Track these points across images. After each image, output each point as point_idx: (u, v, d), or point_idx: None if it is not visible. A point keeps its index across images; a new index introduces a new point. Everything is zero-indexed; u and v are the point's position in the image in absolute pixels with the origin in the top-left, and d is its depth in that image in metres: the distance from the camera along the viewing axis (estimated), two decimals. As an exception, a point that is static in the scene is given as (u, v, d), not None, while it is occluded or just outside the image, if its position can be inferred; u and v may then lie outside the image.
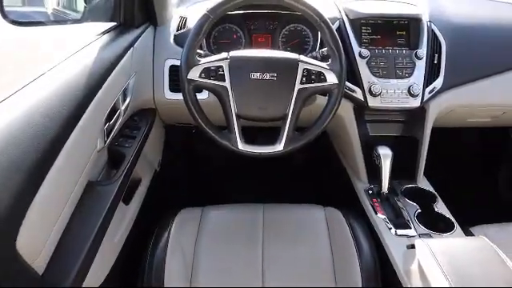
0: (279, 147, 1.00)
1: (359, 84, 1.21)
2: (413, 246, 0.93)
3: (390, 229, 1.10)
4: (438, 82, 1.24)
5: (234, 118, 0.99)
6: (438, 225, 1.12)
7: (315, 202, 1.19)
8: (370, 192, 1.26)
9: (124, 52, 1.09)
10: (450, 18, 1.33)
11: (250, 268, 0.99)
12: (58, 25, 1.12)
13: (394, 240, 1.07)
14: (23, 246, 0.64)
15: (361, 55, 1.22)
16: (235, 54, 1.00)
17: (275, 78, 0.98)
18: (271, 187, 1.82)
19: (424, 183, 1.31)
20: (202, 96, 1.21)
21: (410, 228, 1.10)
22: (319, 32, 1.04)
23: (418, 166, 1.30)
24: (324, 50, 1.13)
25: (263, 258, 1.01)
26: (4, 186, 0.61)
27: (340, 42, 1.01)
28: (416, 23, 1.26)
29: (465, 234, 1.10)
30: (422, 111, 1.26)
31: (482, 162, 1.97)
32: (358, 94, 1.22)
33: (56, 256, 0.77)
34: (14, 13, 0.91)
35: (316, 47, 1.29)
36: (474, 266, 0.79)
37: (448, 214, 1.16)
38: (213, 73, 0.98)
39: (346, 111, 1.26)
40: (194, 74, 0.98)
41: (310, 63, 1.00)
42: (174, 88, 1.24)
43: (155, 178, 1.44)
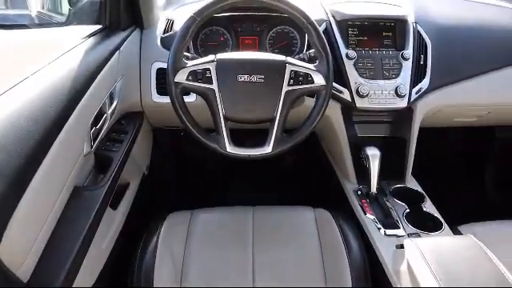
0: (268, 149, 1.00)
1: (347, 85, 1.22)
2: (402, 246, 0.94)
3: (379, 229, 1.11)
4: (425, 83, 1.25)
5: (222, 120, 0.99)
6: (427, 224, 1.13)
7: (305, 204, 1.19)
8: (359, 193, 1.27)
9: (110, 55, 1.08)
10: (434, 19, 1.35)
11: (241, 270, 0.99)
12: (43, 28, 1.11)
13: (383, 240, 1.08)
14: (7, 253, 0.63)
15: (348, 56, 1.22)
16: (222, 56, 1.00)
17: (263, 80, 0.98)
18: (261, 189, 1.81)
19: (412, 183, 1.32)
20: (190, 99, 1.20)
21: (399, 228, 1.11)
22: (306, 34, 1.04)
23: (406, 165, 1.31)
24: (311, 51, 1.14)
25: (253, 260, 1.01)
26: None
27: (327, 44, 1.01)
28: (402, 24, 1.27)
29: (453, 233, 1.11)
30: (409, 111, 1.27)
31: (468, 161, 1.99)
32: (345, 95, 1.22)
33: (41, 263, 0.75)
34: (-4, 16, 0.90)
35: (303, 49, 1.30)
36: (461, 265, 0.80)
37: (436, 214, 1.17)
38: (200, 75, 0.98)
39: (334, 112, 1.27)
40: (181, 76, 0.98)
41: (297, 65, 1.00)
42: (161, 91, 1.23)
43: (143, 181, 1.43)
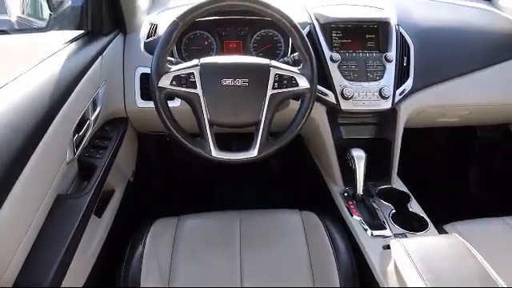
0: (253, 153, 1.00)
1: (331, 87, 1.22)
2: (388, 247, 0.94)
3: (366, 230, 1.11)
4: (408, 84, 1.27)
5: (207, 125, 0.98)
6: (413, 224, 1.14)
7: (292, 207, 1.19)
8: (346, 194, 1.27)
9: (92, 60, 1.07)
10: (416, 22, 1.37)
11: (228, 275, 0.99)
12: (23, 33, 1.09)
13: (370, 241, 1.08)
14: None
15: (332, 59, 1.23)
16: (206, 60, 0.99)
17: (247, 84, 0.97)
18: (248, 193, 1.81)
19: (398, 183, 1.33)
20: (175, 104, 1.20)
21: (386, 228, 1.11)
22: (290, 37, 1.04)
23: (391, 166, 1.32)
24: (295, 54, 1.14)
25: (241, 264, 1.01)
26: None
27: (310, 47, 1.02)
28: (385, 27, 1.29)
29: (438, 232, 1.12)
30: (393, 113, 1.29)
31: (452, 160, 2.02)
32: (330, 97, 1.23)
33: (24, 273, 0.74)
34: (-26, 21, 0.88)
35: (288, 52, 1.30)
36: (447, 264, 0.81)
37: (422, 213, 1.18)
38: (184, 80, 0.97)
39: (320, 115, 1.27)
40: (165, 81, 0.97)
41: (281, 68, 1.00)
42: (145, 96, 1.22)
43: (129, 188, 1.41)
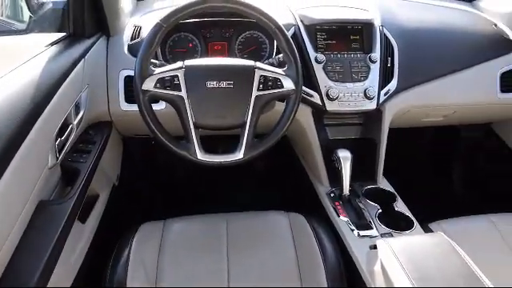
0: (239, 155, 0.99)
1: (316, 89, 1.23)
2: (375, 247, 0.95)
3: (353, 230, 1.12)
4: (393, 84, 1.28)
5: (192, 127, 0.97)
6: (399, 223, 1.15)
7: (279, 208, 1.19)
8: (332, 195, 1.28)
9: (74, 63, 1.05)
10: (400, 23, 1.38)
11: (216, 277, 0.98)
12: (2, 35, 1.07)
13: (356, 241, 1.09)
14: None
15: (317, 60, 1.23)
16: (190, 62, 0.98)
17: (232, 86, 0.97)
18: (235, 195, 1.81)
19: (384, 183, 1.34)
20: (160, 106, 1.18)
21: (372, 228, 1.12)
22: (274, 39, 1.04)
23: (377, 166, 1.33)
24: (280, 56, 1.14)
25: (228, 267, 1.00)
26: None
27: (295, 48, 1.02)
28: (369, 28, 1.30)
29: (424, 231, 1.13)
30: (378, 113, 1.30)
31: (437, 160, 2.05)
32: (315, 98, 1.23)
33: (4, 282, 0.72)
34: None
35: (273, 54, 1.30)
36: (433, 263, 0.81)
37: (408, 213, 1.19)
38: (168, 83, 0.96)
39: (305, 116, 1.28)
40: (149, 84, 0.96)
41: (266, 70, 1.00)
42: (129, 99, 1.20)
43: (114, 192, 1.39)
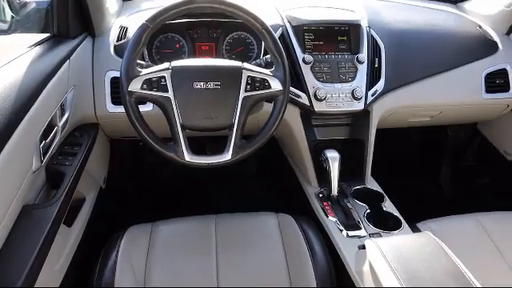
0: (227, 156, 0.99)
1: (304, 89, 1.23)
2: (364, 247, 0.95)
3: (342, 231, 1.12)
4: (380, 85, 1.29)
5: (179, 129, 0.96)
6: (387, 223, 1.16)
7: (268, 209, 1.18)
8: (321, 195, 1.28)
9: (59, 64, 1.03)
10: (387, 24, 1.39)
11: (205, 278, 0.98)
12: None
13: (345, 241, 1.09)
14: None
15: (304, 61, 1.23)
16: (177, 63, 0.98)
17: (219, 87, 0.96)
18: (224, 196, 1.80)
19: (372, 183, 1.35)
20: (147, 108, 1.17)
21: (361, 228, 1.12)
22: (262, 39, 1.04)
23: (365, 167, 1.34)
24: (268, 56, 1.14)
25: (217, 268, 1.00)
26: None
27: (282, 49, 1.02)
28: (356, 29, 1.30)
29: (412, 230, 1.14)
30: (366, 113, 1.30)
31: (424, 159, 2.07)
32: (303, 99, 1.23)
33: None
34: None
35: (260, 54, 1.30)
36: (420, 262, 0.82)
37: (396, 212, 1.20)
38: (155, 84, 0.95)
39: (293, 117, 1.28)
40: (135, 85, 0.95)
41: (253, 70, 0.99)
42: (116, 101, 1.19)
43: (100, 195, 1.37)
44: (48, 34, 1.11)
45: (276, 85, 1.00)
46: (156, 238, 1.07)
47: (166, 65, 0.97)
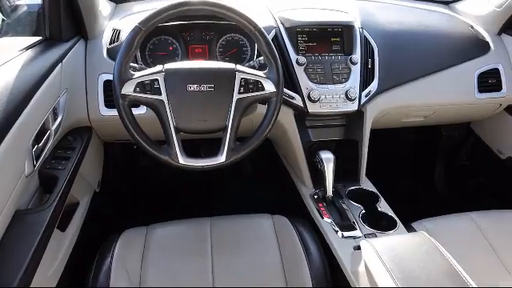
0: (221, 159, 0.98)
1: (298, 91, 1.23)
2: (359, 247, 0.95)
3: (337, 232, 1.12)
4: (374, 86, 1.29)
5: (173, 131, 0.96)
6: (382, 223, 1.16)
7: (263, 211, 1.18)
8: (316, 197, 1.28)
9: (51, 68, 1.02)
10: (380, 25, 1.40)
11: (200, 281, 0.97)
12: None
13: (340, 242, 1.09)
14: None
15: (298, 62, 1.24)
16: (170, 66, 0.97)
17: (213, 89, 0.96)
18: (219, 199, 1.79)
19: (367, 184, 1.35)
20: (140, 111, 1.17)
21: (356, 229, 1.12)
22: (255, 41, 1.04)
23: (359, 167, 1.34)
24: (261, 58, 1.14)
25: (213, 271, 0.99)
26: None
27: (275, 51, 1.02)
28: (349, 30, 1.31)
29: (407, 230, 1.14)
30: (360, 114, 1.31)
31: (419, 159, 2.08)
32: (297, 100, 1.23)
33: None
34: None
35: (254, 56, 1.30)
36: (416, 262, 0.82)
37: (391, 213, 1.20)
38: (148, 86, 0.95)
39: (287, 118, 1.28)
40: (129, 88, 0.95)
41: (246, 72, 0.99)
42: (109, 104, 1.18)
43: (95, 199, 1.37)
44: (40, 38, 1.11)
45: (269, 87, 1.00)
46: (151, 241, 1.06)
47: (159, 67, 0.97)
